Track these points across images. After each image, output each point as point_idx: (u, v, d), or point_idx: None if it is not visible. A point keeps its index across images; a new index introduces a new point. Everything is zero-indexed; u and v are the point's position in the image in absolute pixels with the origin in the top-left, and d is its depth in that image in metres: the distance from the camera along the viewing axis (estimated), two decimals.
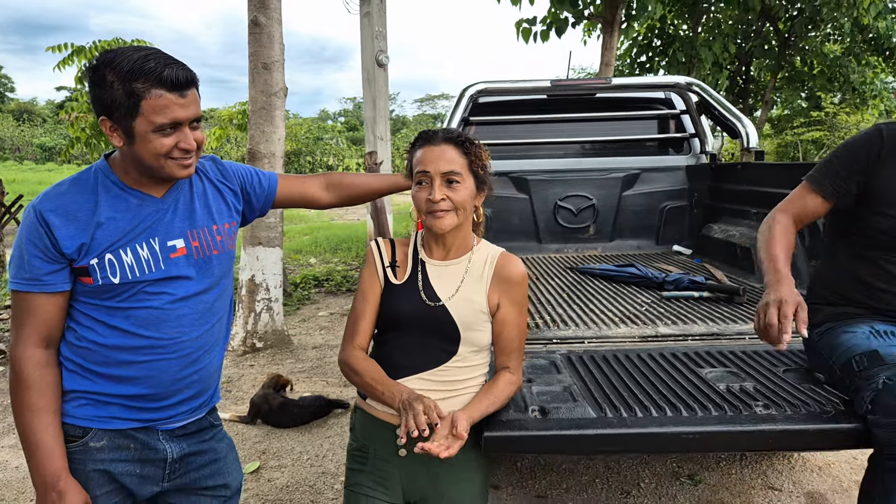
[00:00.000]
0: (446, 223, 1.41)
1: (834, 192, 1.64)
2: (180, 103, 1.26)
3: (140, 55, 1.25)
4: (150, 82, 1.23)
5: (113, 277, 1.31)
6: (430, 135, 1.46)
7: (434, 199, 1.39)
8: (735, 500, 2.72)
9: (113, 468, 1.37)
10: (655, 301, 2.58)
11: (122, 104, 1.24)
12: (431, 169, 1.40)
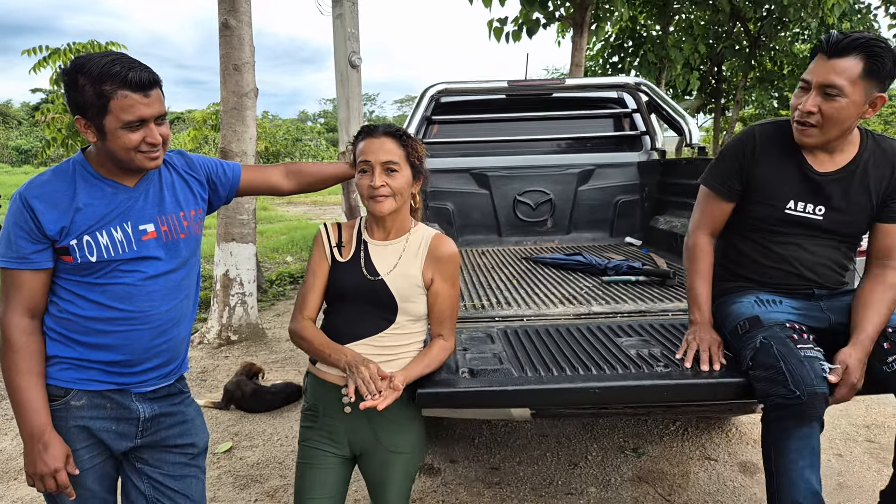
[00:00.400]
0: (385, 207, 1.61)
1: (729, 193, 1.86)
2: (144, 102, 1.44)
3: (107, 60, 1.42)
4: (117, 84, 1.40)
5: (90, 256, 1.48)
6: (372, 129, 1.66)
7: (375, 185, 1.59)
8: (674, 469, 2.96)
9: (91, 424, 1.54)
10: (595, 285, 2.80)
11: (93, 104, 1.41)
12: (372, 158, 1.60)
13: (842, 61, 1.58)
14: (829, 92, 1.61)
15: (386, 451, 1.65)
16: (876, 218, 1.75)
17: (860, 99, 1.61)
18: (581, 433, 3.32)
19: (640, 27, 14.27)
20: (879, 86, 1.61)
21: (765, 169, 1.78)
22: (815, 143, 1.71)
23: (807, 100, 1.65)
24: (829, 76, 1.60)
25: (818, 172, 1.74)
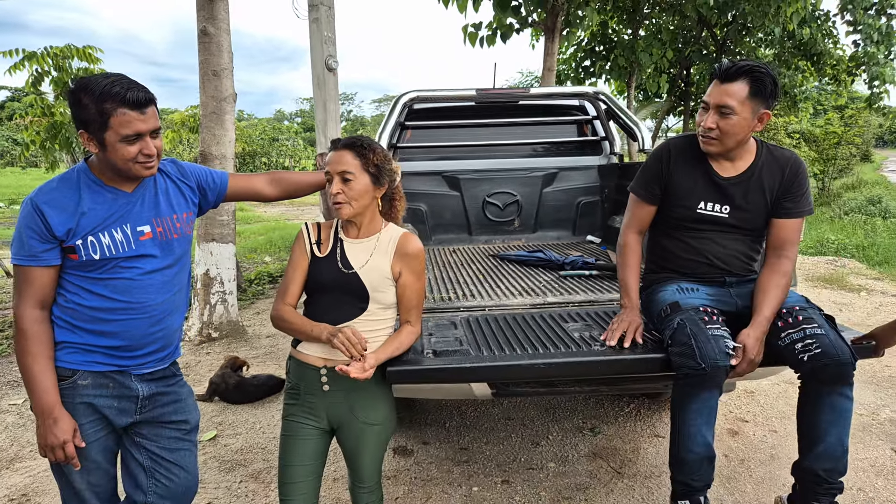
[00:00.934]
0: (344, 212, 1.83)
1: (652, 198, 2.15)
2: (141, 119, 1.65)
3: (108, 81, 1.63)
4: (116, 103, 1.61)
5: (94, 254, 1.69)
6: (336, 142, 1.88)
7: (332, 192, 1.82)
8: (626, 446, 3.23)
9: (96, 402, 1.75)
10: (553, 279, 3.06)
11: (95, 120, 1.62)
12: (332, 169, 1.82)
13: (732, 85, 1.88)
14: (724, 111, 1.90)
15: (360, 423, 1.87)
16: (772, 214, 2.04)
17: (749, 115, 1.91)
18: (543, 416, 3.58)
19: (610, 32, 14.60)
20: (764, 104, 1.91)
21: (679, 176, 2.07)
22: (716, 152, 2.00)
23: (707, 118, 1.95)
24: (723, 98, 1.90)
25: (722, 177, 2.02)
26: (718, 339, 1.80)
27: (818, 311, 1.92)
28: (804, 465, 1.87)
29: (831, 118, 19.46)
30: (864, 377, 4.22)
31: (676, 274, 2.13)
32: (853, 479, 2.91)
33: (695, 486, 1.85)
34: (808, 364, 1.78)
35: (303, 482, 1.86)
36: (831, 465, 1.82)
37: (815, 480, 1.85)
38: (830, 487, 1.85)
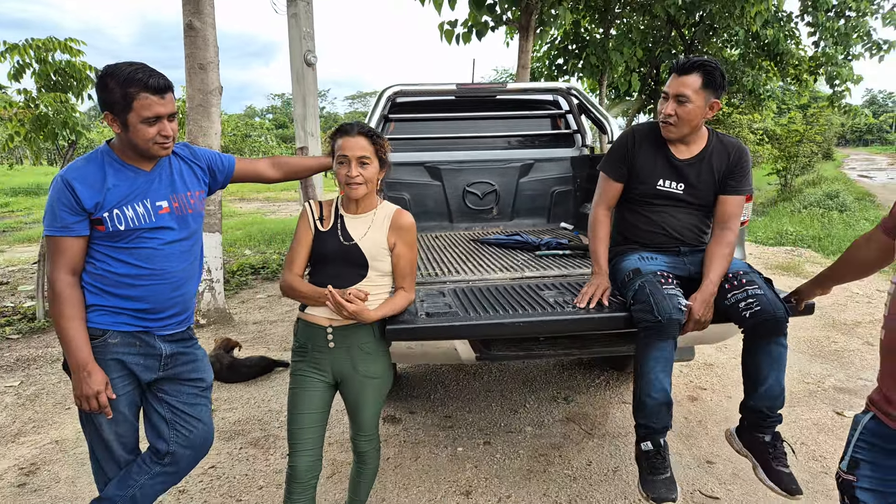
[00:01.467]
0: (360, 192, 2.07)
1: (619, 176, 2.43)
2: (161, 103, 1.87)
3: (132, 69, 1.85)
4: (139, 88, 1.83)
5: (119, 226, 1.89)
6: (349, 128, 2.11)
7: (351, 175, 2.04)
8: (596, 411, 3.52)
9: (124, 358, 1.95)
10: (530, 258, 3.32)
11: (118, 103, 1.84)
12: (349, 153, 2.05)
13: (687, 77, 2.20)
14: (681, 99, 2.21)
15: (361, 376, 2.11)
16: (719, 192, 2.34)
17: (702, 103, 2.22)
18: (521, 387, 3.86)
19: (583, 31, 14.91)
20: (714, 94, 2.22)
21: (641, 158, 2.36)
22: (675, 136, 2.30)
23: (667, 106, 2.25)
24: (680, 88, 2.20)
25: (679, 159, 2.32)
26: (672, 297, 2.08)
27: (759, 274, 2.22)
28: (749, 403, 2.17)
29: (794, 117, 20.16)
30: (812, 351, 4.59)
31: (638, 245, 2.41)
32: (799, 436, 3.25)
33: (655, 427, 2.12)
34: (750, 320, 2.07)
35: (310, 428, 2.08)
36: (771, 403, 2.13)
37: (759, 416, 2.16)
38: (772, 420, 2.16)
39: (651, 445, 2.12)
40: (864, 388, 3.86)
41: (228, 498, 2.74)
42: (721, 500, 2.69)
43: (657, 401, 2.08)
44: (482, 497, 2.71)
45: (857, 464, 1.47)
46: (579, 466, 2.96)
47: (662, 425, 2.12)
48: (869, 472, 1.44)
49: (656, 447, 2.12)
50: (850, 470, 1.48)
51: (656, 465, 2.10)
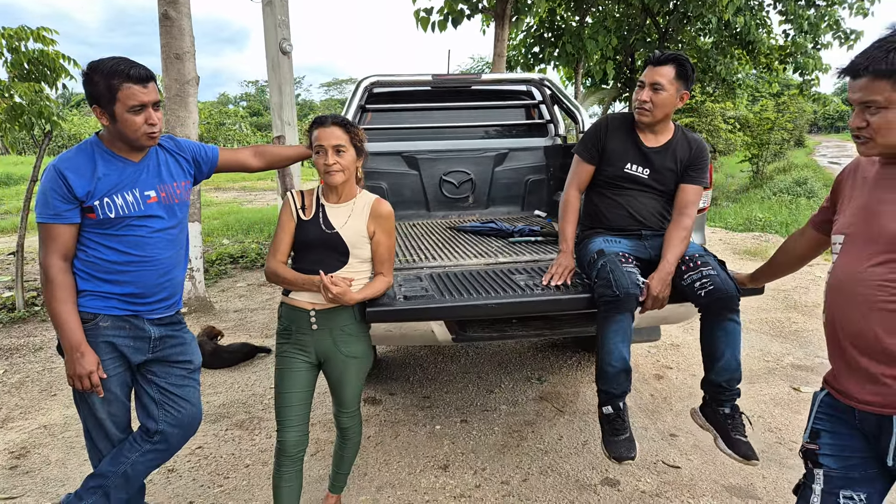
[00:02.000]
0: (337, 179, 2.18)
1: (591, 158, 2.59)
2: (144, 91, 1.96)
3: (114, 62, 1.94)
4: (122, 79, 1.92)
5: (110, 213, 1.99)
6: (324, 119, 2.21)
7: (329, 163, 2.15)
8: (568, 390, 3.70)
9: (115, 341, 2.05)
10: (504, 244, 3.47)
11: (104, 95, 1.93)
12: (325, 143, 2.16)
13: (663, 68, 2.39)
14: (656, 87, 2.40)
15: (344, 356, 2.23)
16: (679, 180, 2.51)
17: (674, 93, 2.41)
18: (496, 369, 4.02)
19: (558, 20, 15.00)
20: (685, 86, 2.42)
21: (613, 142, 2.54)
22: (648, 121, 2.48)
23: (643, 93, 2.43)
24: (655, 77, 2.39)
25: (647, 146, 2.51)
26: (631, 275, 2.26)
27: (713, 257, 2.39)
28: (709, 378, 2.34)
29: (766, 105, 20.54)
30: (773, 331, 4.83)
31: (604, 229, 2.58)
32: (758, 410, 3.46)
33: (614, 393, 2.29)
34: (705, 299, 2.24)
35: (297, 406, 2.21)
36: (729, 376, 2.29)
37: (718, 390, 2.33)
38: (731, 394, 2.32)
39: (612, 409, 2.30)
40: (821, 365, 4.09)
41: (216, 476, 2.86)
42: (682, 468, 2.88)
43: (617, 368, 2.25)
44: (459, 470, 2.86)
45: (819, 434, 1.62)
46: (551, 441, 3.12)
47: (622, 390, 2.30)
48: (829, 440, 1.60)
49: (616, 410, 2.30)
50: (812, 440, 1.63)
51: (616, 426, 2.29)
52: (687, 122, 20.04)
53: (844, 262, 1.52)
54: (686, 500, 2.65)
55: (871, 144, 1.45)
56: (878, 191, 1.49)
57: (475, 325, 2.75)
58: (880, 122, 1.41)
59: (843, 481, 1.58)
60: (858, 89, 1.43)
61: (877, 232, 1.45)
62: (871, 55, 1.38)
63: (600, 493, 2.70)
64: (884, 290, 1.42)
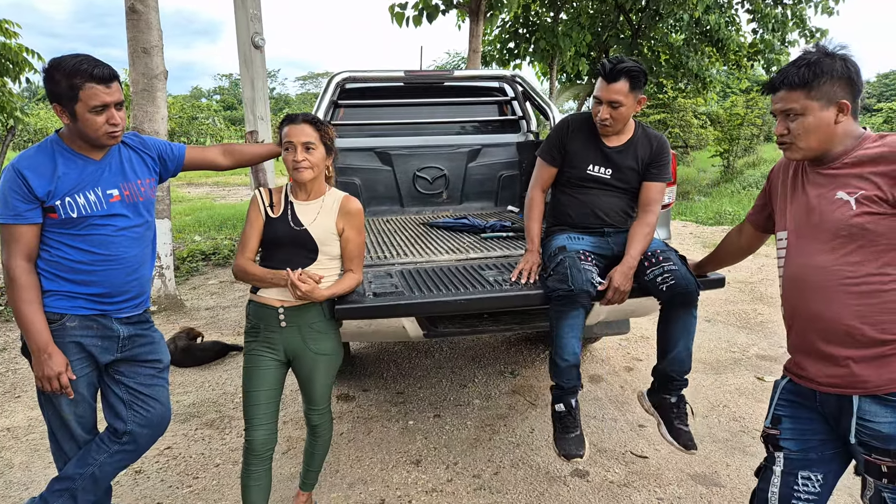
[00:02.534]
0: (306, 175, 2.17)
1: (553, 161, 2.62)
2: (106, 92, 1.93)
3: (77, 60, 1.91)
4: (84, 78, 1.89)
5: (72, 213, 1.96)
6: (294, 117, 2.20)
7: (297, 159, 2.15)
8: (540, 383, 3.74)
9: (83, 341, 2.02)
10: (475, 240, 3.48)
11: (66, 94, 1.89)
12: (294, 139, 2.15)
13: (615, 84, 2.37)
14: (614, 105, 2.40)
15: (313, 353, 2.23)
16: (642, 178, 2.55)
17: (632, 104, 2.42)
18: (470, 364, 4.05)
19: (533, 15, 15.05)
20: (641, 91, 2.41)
21: (575, 145, 2.55)
22: (611, 133, 2.51)
23: (602, 111, 2.43)
24: (611, 95, 2.39)
25: (608, 147, 2.53)
26: (587, 272, 2.30)
27: (674, 252, 2.44)
28: (661, 367, 2.41)
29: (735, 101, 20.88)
30: (739, 322, 4.94)
31: (568, 227, 2.61)
32: (722, 400, 3.54)
33: (565, 387, 2.34)
34: (666, 293, 2.29)
35: (265, 404, 2.20)
36: (679, 367, 2.36)
37: (668, 378, 2.39)
38: (679, 384, 2.40)
39: (563, 407, 2.36)
40: (784, 355, 4.14)
41: (185, 476, 2.83)
42: (650, 458, 2.94)
43: (568, 362, 2.30)
44: (431, 465, 2.89)
45: (780, 419, 1.72)
46: (522, 434, 3.16)
47: (572, 385, 2.35)
48: (789, 425, 1.70)
49: (567, 408, 2.35)
50: (773, 425, 1.74)
51: (567, 424, 2.35)
52: (659, 118, 20.33)
53: (795, 256, 1.65)
54: (653, 489, 2.70)
55: (794, 148, 1.61)
56: (812, 189, 1.63)
57: (446, 320, 2.77)
58: (799, 128, 1.57)
59: (801, 463, 1.68)
60: (778, 100, 1.60)
61: (818, 225, 1.58)
62: (786, 71, 1.58)
63: (570, 484, 2.74)
64: (833, 275, 1.54)
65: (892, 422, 1.52)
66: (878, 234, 1.49)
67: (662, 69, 17.25)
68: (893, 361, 1.51)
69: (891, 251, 1.50)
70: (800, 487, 1.68)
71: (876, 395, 1.53)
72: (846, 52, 1.54)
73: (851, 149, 1.57)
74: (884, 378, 1.51)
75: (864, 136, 1.58)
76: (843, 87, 1.53)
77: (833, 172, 1.58)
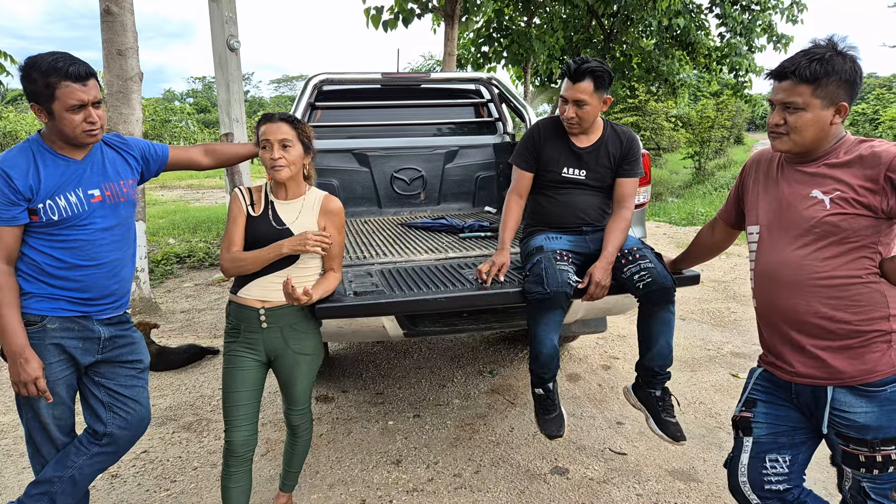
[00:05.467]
0: (283, 174, 2.17)
1: (528, 167, 2.64)
2: (83, 90, 1.91)
3: (53, 58, 1.89)
4: (60, 76, 1.88)
5: (53, 216, 1.93)
6: (271, 116, 2.20)
7: (274, 157, 2.14)
8: (519, 383, 3.77)
9: (63, 343, 1.99)
10: (454, 240, 3.51)
11: (43, 93, 1.88)
12: (271, 137, 2.14)
13: (581, 84, 2.40)
14: (579, 104, 2.43)
15: (294, 354, 2.23)
16: (615, 175, 2.59)
17: (598, 103, 2.45)
18: (449, 363, 4.06)
19: (506, 20, 15.15)
20: (606, 91, 2.45)
21: (548, 149, 2.59)
22: (578, 132, 2.55)
23: (568, 110, 2.47)
24: (577, 95, 2.42)
25: (579, 148, 2.57)
26: (563, 273, 2.33)
27: (650, 249, 2.49)
28: (644, 363, 2.46)
29: (706, 104, 21.30)
30: (714, 320, 5.04)
31: (547, 227, 2.64)
32: (698, 397, 3.61)
33: (545, 376, 2.43)
34: (643, 290, 2.34)
35: (245, 405, 2.19)
36: (662, 362, 2.41)
37: (651, 373, 2.45)
38: (661, 377, 2.46)
39: (542, 391, 2.48)
40: (758, 352, 4.26)
41: (163, 480, 2.80)
42: (628, 455, 2.99)
43: (548, 354, 2.38)
44: (411, 465, 2.89)
45: (755, 402, 1.80)
46: (502, 433, 3.19)
47: (551, 374, 2.46)
48: (763, 409, 1.78)
49: (546, 392, 2.47)
50: (746, 408, 1.81)
51: (547, 406, 2.48)
52: (631, 121, 20.62)
53: (767, 250, 1.70)
54: (632, 485, 2.75)
55: (785, 139, 1.62)
56: (788, 185, 1.67)
57: (426, 319, 2.78)
58: (797, 122, 1.58)
59: (769, 446, 1.75)
60: (782, 90, 1.59)
61: (792, 221, 1.63)
62: (798, 62, 1.55)
63: (550, 481, 2.77)
64: (805, 269, 1.60)
65: (867, 411, 1.57)
66: (851, 231, 1.55)
67: (634, 73, 17.53)
68: (866, 353, 1.57)
69: (861, 248, 1.56)
70: (769, 470, 1.75)
71: (850, 385, 1.58)
72: (855, 53, 1.56)
73: (831, 149, 1.61)
74: (857, 369, 1.57)
75: (843, 138, 1.62)
76: (847, 89, 1.55)
77: (811, 171, 1.63)
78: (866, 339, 1.56)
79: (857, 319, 1.57)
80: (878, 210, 1.52)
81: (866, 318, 1.56)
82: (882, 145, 1.55)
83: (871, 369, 1.56)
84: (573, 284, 2.32)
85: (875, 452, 1.57)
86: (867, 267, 1.56)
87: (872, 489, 1.62)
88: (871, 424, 1.57)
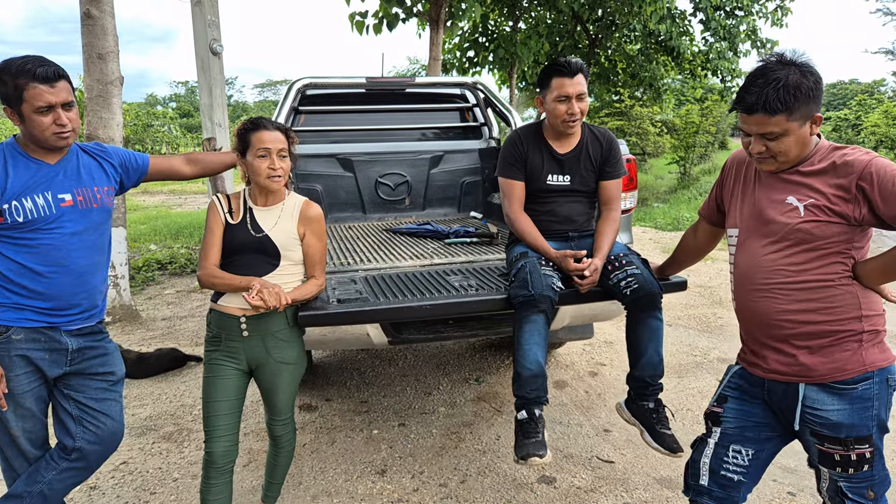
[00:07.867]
0: (280, 184, 2.14)
1: (519, 175, 2.60)
2: (51, 91, 1.87)
3: (22, 61, 1.87)
4: (28, 78, 1.85)
5: (18, 217, 1.88)
6: (265, 123, 2.15)
7: (274, 167, 2.10)
8: (505, 390, 3.73)
9: (30, 354, 1.93)
10: (439, 246, 3.47)
11: (12, 95, 1.85)
12: (271, 146, 2.10)
13: (578, 77, 2.42)
14: (581, 97, 2.43)
15: (276, 362, 2.17)
16: (599, 178, 2.58)
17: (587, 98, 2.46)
18: (434, 371, 4.02)
19: (492, 25, 15.19)
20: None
21: (531, 157, 2.57)
22: (574, 130, 2.51)
23: (572, 106, 2.43)
24: (579, 87, 2.42)
25: (560, 154, 2.55)
26: (548, 278, 2.30)
27: (637, 255, 2.47)
28: (634, 374, 2.42)
29: (690, 109, 21.47)
30: (700, 326, 5.04)
31: None
32: (685, 402, 3.60)
33: (529, 398, 2.26)
34: (630, 296, 2.31)
35: (226, 415, 2.13)
36: (652, 371, 2.37)
37: (643, 385, 2.40)
38: (654, 389, 2.40)
39: (526, 414, 2.25)
40: None
41: (142, 491, 2.73)
42: (616, 463, 2.96)
43: (531, 371, 2.24)
44: (397, 474, 2.84)
45: (726, 399, 1.85)
46: (489, 441, 3.15)
47: (535, 395, 2.26)
48: (733, 405, 1.82)
49: (530, 416, 2.24)
50: (719, 403, 1.86)
51: (528, 430, 2.21)
52: (616, 126, 20.74)
53: (744, 253, 1.76)
54: (620, 493, 2.72)
55: (772, 162, 1.65)
56: (765, 191, 1.71)
57: (411, 327, 2.74)
58: (780, 147, 1.60)
59: (734, 438, 1.81)
60: (755, 123, 1.60)
61: (767, 225, 1.68)
62: (765, 95, 1.54)
63: (537, 491, 2.73)
64: (779, 272, 1.65)
65: (839, 409, 1.62)
66: (824, 238, 1.59)
67: (619, 78, 17.65)
68: (837, 351, 1.61)
69: (835, 253, 1.60)
70: (729, 459, 1.81)
71: (822, 383, 1.63)
72: (806, 59, 1.57)
73: (807, 156, 1.63)
74: (828, 367, 1.62)
75: (818, 146, 1.64)
76: (816, 101, 1.57)
77: (787, 177, 1.66)
78: (837, 339, 1.61)
79: (829, 320, 1.61)
80: (850, 218, 1.56)
81: (838, 319, 1.61)
82: (854, 153, 1.57)
83: (840, 367, 1.61)
84: (557, 290, 2.29)
85: (850, 451, 1.62)
86: (840, 271, 1.60)
87: (849, 488, 1.65)
88: (844, 422, 1.61)
